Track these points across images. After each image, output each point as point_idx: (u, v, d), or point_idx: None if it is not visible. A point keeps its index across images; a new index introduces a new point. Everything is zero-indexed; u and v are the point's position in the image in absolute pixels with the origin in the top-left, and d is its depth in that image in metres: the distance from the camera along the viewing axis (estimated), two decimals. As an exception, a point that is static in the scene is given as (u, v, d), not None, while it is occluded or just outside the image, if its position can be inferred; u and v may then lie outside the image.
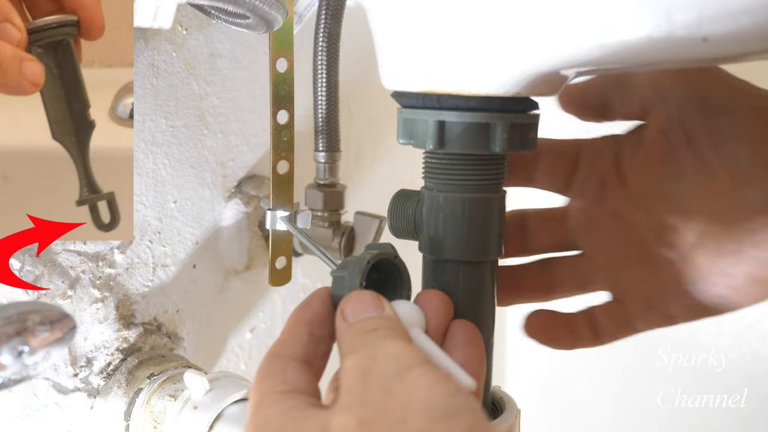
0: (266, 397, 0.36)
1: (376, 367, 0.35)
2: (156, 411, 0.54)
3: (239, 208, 0.64)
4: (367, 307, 0.39)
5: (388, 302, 0.40)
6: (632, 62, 0.43)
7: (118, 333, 0.56)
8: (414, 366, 0.34)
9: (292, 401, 0.36)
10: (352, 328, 0.38)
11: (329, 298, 0.42)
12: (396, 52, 0.44)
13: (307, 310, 0.41)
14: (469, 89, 0.43)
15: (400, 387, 0.33)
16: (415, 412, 0.31)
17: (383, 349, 0.36)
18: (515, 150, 0.45)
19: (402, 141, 0.47)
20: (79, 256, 0.53)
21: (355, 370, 0.35)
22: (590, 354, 0.98)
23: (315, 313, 0.41)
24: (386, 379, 0.34)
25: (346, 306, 0.39)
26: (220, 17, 0.51)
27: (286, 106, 0.55)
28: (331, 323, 0.41)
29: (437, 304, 0.42)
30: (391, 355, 0.35)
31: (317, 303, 0.41)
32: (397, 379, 0.33)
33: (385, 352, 0.35)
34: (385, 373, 0.34)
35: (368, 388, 0.34)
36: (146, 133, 0.56)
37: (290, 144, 0.56)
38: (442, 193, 0.46)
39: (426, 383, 0.33)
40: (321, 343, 0.40)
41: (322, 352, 0.40)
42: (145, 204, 0.57)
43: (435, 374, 0.33)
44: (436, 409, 0.31)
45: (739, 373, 0.89)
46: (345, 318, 0.39)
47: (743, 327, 0.89)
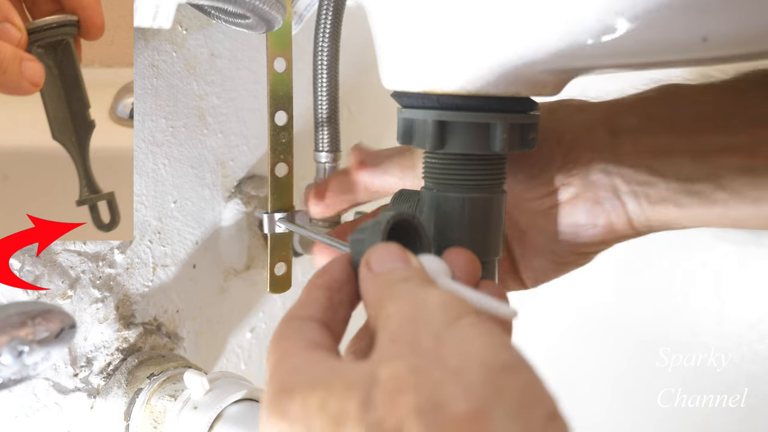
0: (289, 351, 0.34)
1: (424, 314, 0.32)
2: (156, 411, 0.54)
3: (239, 208, 0.64)
4: (393, 258, 0.37)
5: (414, 255, 0.38)
6: (633, 61, 0.43)
7: (118, 333, 0.56)
8: (464, 315, 0.32)
9: (319, 354, 0.34)
10: (379, 278, 0.36)
11: (349, 264, 0.40)
12: (396, 51, 0.44)
13: (325, 275, 0.39)
14: (469, 89, 0.43)
15: (452, 336, 0.31)
16: (471, 363, 0.29)
17: (428, 298, 0.33)
18: (515, 150, 0.45)
19: (402, 141, 0.47)
20: (79, 256, 0.53)
21: (399, 316, 0.33)
22: (590, 354, 0.99)
23: (333, 279, 0.39)
24: (436, 327, 0.31)
25: (371, 257, 0.37)
26: (220, 17, 0.51)
27: (284, 106, 0.55)
28: (351, 289, 0.39)
29: (465, 261, 0.40)
30: (438, 302, 0.33)
31: (336, 268, 0.40)
32: (447, 327, 0.31)
33: (431, 300, 0.33)
34: (434, 321, 0.32)
35: (417, 335, 0.31)
36: (146, 133, 0.56)
37: (289, 146, 0.56)
38: (442, 193, 0.46)
39: (479, 333, 0.31)
40: (340, 308, 0.38)
41: (341, 318, 0.38)
42: (145, 204, 0.57)
43: (486, 325, 0.31)
44: (493, 361, 0.29)
45: (739, 373, 0.89)
46: (371, 269, 0.37)
47: (743, 327, 0.89)
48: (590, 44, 0.40)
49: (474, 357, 0.30)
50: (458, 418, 0.27)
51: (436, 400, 0.28)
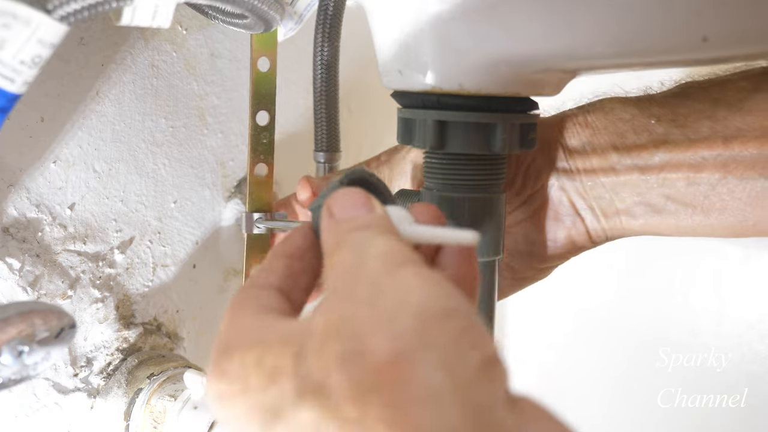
0: (239, 316, 0.33)
1: (365, 263, 0.31)
2: (156, 411, 0.54)
3: (239, 208, 0.64)
4: (356, 204, 0.35)
5: (379, 202, 0.36)
6: (633, 61, 0.43)
7: (118, 333, 0.56)
8: (407, 264, 0.31)
9: (269, 317, 0.33)
10: (340, 225, 0.34)
11: (311, 231, 0.38)
12: (396, 51, 0.44)
13: (286, 243, 0.38)
14: (469, 88, 0.43)
15: (392, 283, 0.29)
16: (406, 311, 0.28)
17: (373, 247, 0.32)
18: (515, 150, 0.45)
19: (402, 141, 0.47)
20: (79, 256, 0.53)
21: (341, 268, 0.32)
22: (590, 354, 0.98)
23: (295, 246, 0.37)
24: (376, 277, 0.30)
25: (333, 203, 0.35)
26: (217, 17, 0.51)
27: (266, 106, 0.54)
28: (313, 256, 0.37)
29: (429, 216, 0.38)
30: (381, 252, 0.31)
31: (297, 236, 0.38)
32: (388, 276, 0.30)
33: (375, 249, 0.32)
34: (374, 270, 0.30)
35: (355, 285, 0.30)
36: (146, 133, 0.56)
37: (270, 146, 0.55)
38: (442, 193, 0.46)
39: (419, 282, 0.29)
40: (301, 276, 0.36)
41: (301, 286, 0.36)
42: (145, 204, 0.57)
43: (429, 274, 0.30)
44: (429, 308, 0.28)
45: (739, 373, 0.89)
46: (332, 215, 0.35)
47: (743, 327, 0.89)
48: (590, 44, 0.40)
49: (409, 304, 0.28)
50: (380, 365, 0.26)
51: (361, 347, 0.27)
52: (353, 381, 0.26)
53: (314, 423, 0.27)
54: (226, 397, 0.30)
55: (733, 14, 0.39)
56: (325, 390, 0.27)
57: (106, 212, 0.55)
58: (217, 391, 0.30)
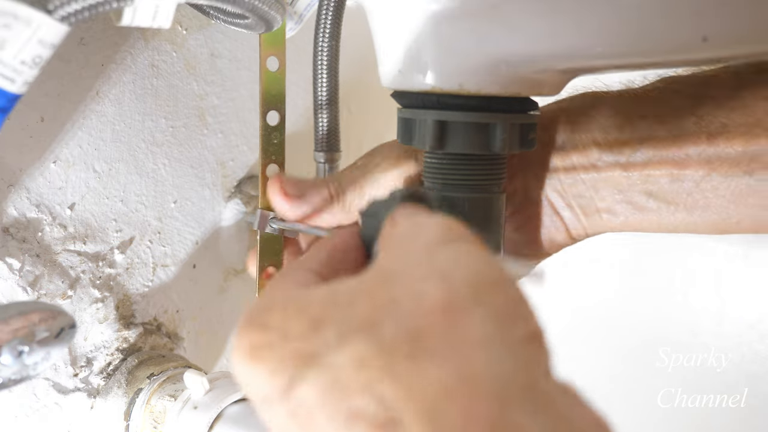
0: (278, 287, 0.33)
1: (422, 230, 0.31)
2: (156, 411, 0.54)
3: (239, 208, 0.64)
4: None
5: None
6: (633, 61, 0.43)
7: (118, 333, 0.56)
8: (465, 238, 0.30)
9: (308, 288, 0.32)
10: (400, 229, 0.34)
11: (357, 235, 0.38)
12: (396, 51, 0.44)
13: (332, 237, 0.39)
14: (468, 88, 0.43)
15: (446, 249, 0.29)
16: (462, 271, 0.28)
17: (431, 222, 0.31)
18: (515, 150, 0.45)
19: (402, 141, 0.47)
20: (79, 256, 0.53)
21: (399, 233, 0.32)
22: (590, 353, 0.98)
23: (341, 240, 0.38)
24: (432, 241, 0.30)
25: (396, 215, 0.35)
26: (218, 17, 0.51)
27: (276, 106, 0.54)
28: (355, 255, 0.37)
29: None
30: (438, 223, 0.31)
31: (346, 233, 0.39)
32: (445, 243, 0.30)
33: (433, 222, 0.31)
34: (431, 236, 0.30)
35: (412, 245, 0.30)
36: (146, 133, 0.56)
37: (281, 147, 0.55)
38: (443, 193, 0.46)
39: (477, 253, 0.29)
40: (341, 268, 0.36)
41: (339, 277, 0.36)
42: (145, 204, 0.57)
43: (486, 251, 0.30)
44: (483, 274, 0.28)
45: (739, 373, 0.89)
46: (395, 224, 0.35)
47: (743, 327, 0.89)
48: (590, 44, 0.40)
49: (465, 267, 0.28)
50: (434, 309, 0.26)
51: (416, 292, 0.27)
52: (406, 321, 0.26)
53: (358, 361, 0.26)
54: (259, 347, 0.29)
55: (733, 14, 0.39)
56: (375, 329, 0.26)
57: (106, 212, 0.55)
58: (248, 343, 0.29)
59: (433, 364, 0.25)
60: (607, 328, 0.97)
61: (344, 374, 0.26)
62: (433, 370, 0.25)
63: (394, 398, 0.25)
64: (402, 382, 0.25)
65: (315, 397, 0.26)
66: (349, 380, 0.26)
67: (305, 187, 0.50)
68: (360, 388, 0.25)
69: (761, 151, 0.46)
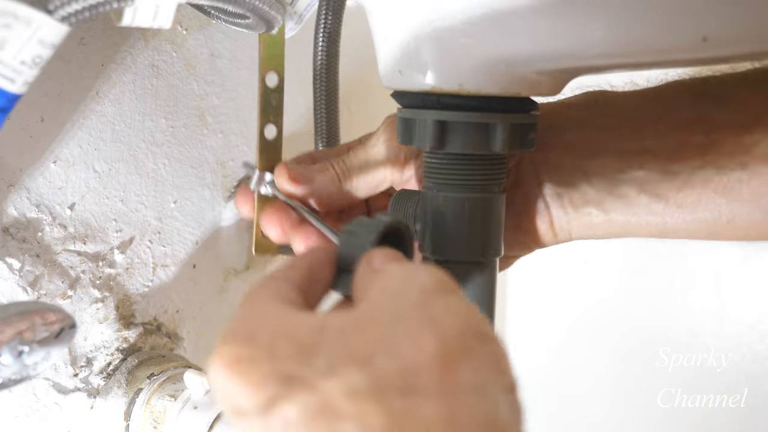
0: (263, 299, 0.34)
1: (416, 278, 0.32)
2: (156, 411, 0.54)
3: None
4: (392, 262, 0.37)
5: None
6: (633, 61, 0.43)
7: (118, 333, 0.56)
8: (454, 291, 0.32)
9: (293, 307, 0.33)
10: (377, 273, 0.35)
11: (334, 252, 0.40)
12: (396, 51, 0.44)
13: (309, 254, 0.40)
14: (469, 88, 0.43)
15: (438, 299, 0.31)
16: (452, 322, 0.29)
17: (421, 274, 0.33)
18: (515, 150, 0.45)
19: (402, 141, 0.47)
20: (79, 256, 0.53)
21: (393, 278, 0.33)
22: (590, 354, 0.98)
23: (316, 258, 0.39)
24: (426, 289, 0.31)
25: (374, 256, 0.37)
26: (219, 17, 0.51)
27: (275, 68, 0.54)
28: (329, 273, 0.39)
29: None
30: (432, 272, 0.33)
31: (321, 251, 0.40)
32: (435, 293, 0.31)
33: (423, 274, 0.33)
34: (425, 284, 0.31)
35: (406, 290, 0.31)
36: (146, 133, 0.56)
37: (279, 108, 0.55)
38: (443, 193, 0.46)
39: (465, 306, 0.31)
40: (317, 285, 0.38)
41: (316, 293, 0.38)
42: (145, 204, 0.57)
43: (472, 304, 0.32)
44: (472, 327, 0.30)
45: (739, 373, 0.89)
46: (372, 265, 0.36)
47: (743, 327, 0.89)
48: (590, 44, 0.40)
49: (454, 318, 0.30)
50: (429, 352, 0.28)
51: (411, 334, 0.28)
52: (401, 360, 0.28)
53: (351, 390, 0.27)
54: (242, 360, 0.29)
55: (733, 14, 0.39)
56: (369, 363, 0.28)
57: (106, 212, 0.55)
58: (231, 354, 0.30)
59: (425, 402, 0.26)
60: (607, 329, 0.97)
61: (334, 400, 0.27)
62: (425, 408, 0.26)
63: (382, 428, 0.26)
64: (393, 414, 0.26)
65: (298, 418, 0.27)
66: (339, 407, 0.27)
67: (312, 174, 0.51)
68: (349, 415, 0.26)
69: (754, 144, 0.46)
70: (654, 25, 0.39)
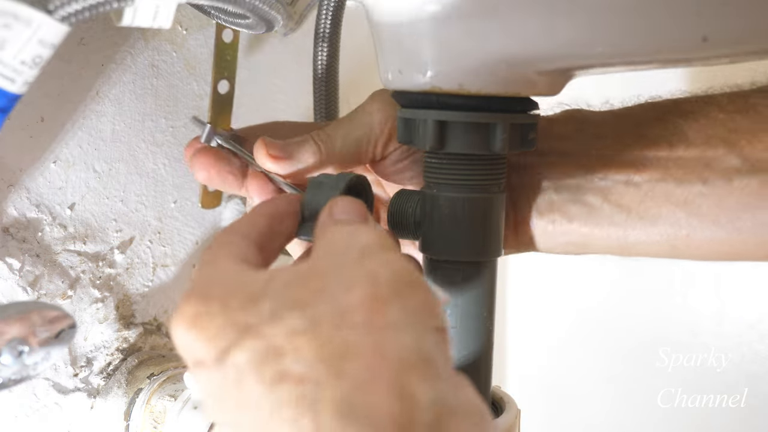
0: (221, 259, 0.36)
1: (357, 236, 0.35)
2: (156, 411, 0.54)
3: (239, 208, 0.64)
4: (355, 213, 0.39)
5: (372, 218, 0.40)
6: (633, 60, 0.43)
7: (118, 333, 0.56)
8: (393, 248, 0.35)
9: (249, 266, 0.36)
10: (337, 224, 0.38)
11: (297, 204, 0.42)
12: (395, 51, 0.44)
13: (271, 205, 0.42)
14: (469, 88, 0.43)
15: (376, 254, 0.34)
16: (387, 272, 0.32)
17: (366, 232, 0.36)
18: (515, 150, 0.45)
19: (402, 141, 0.47)
20: (79, 256, 0.53)
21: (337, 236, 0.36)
22: (590, 354, 0.99)
23: (278, 211, 0.41)
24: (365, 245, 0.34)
25: (335, 205, 0.39)
26: (219, 17, 0.51)
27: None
28: (291, 224, 0.42)
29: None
30: (373, 236, 0.35)
31: (284, 202, 0.42)
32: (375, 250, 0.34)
33: (368, 233, 0.36)
34: (365, 242, 0.35)
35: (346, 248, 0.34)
36: (146, 133, 0.56)
37: (233, 63, 0.55)
38: (443, 193, 0.46)
39: (401, 261, 0.34)
40: (276, 238, 0.40)
41: (275, 247, 0.40)
42: (145, 204, 0.57)
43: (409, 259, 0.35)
44: (406, 277, 0.33)
45: (739, 373, 0.89)
46: (332, 214, 0.39)
47: (743, 327, 0.89)
48: (590, 44, 0.40)
49: (388, 269, 0.32)
50: (360, 296, 0.31)
51: (346, 284, 0.31)
52: (335, 304, 0.31)
53: (290, 331, 0.30)
54: (200, 315, 0.32)
55: (733, 14, 0.39)
56: (307, 308, 0.31)
57: (106, 212, 0.55)
58: (191, 311, 0.32)
59: (354, 334, 0.30)
60: (608, 329, 0.97)
61: (277, 342, 0.30)
62: (351, 339, 0.30)
63: (315, 359, 0.29)
64: (323, 347, 0.29)
65: (247, 361, 0.30)
66: (279, 347, 0.30)
67: (292, 148, 0.49)
68: (288, 352, 0.30)
69: (715, 160, 0.47)
70: (654, 25, 0.39)
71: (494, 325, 0.48)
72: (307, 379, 0.29)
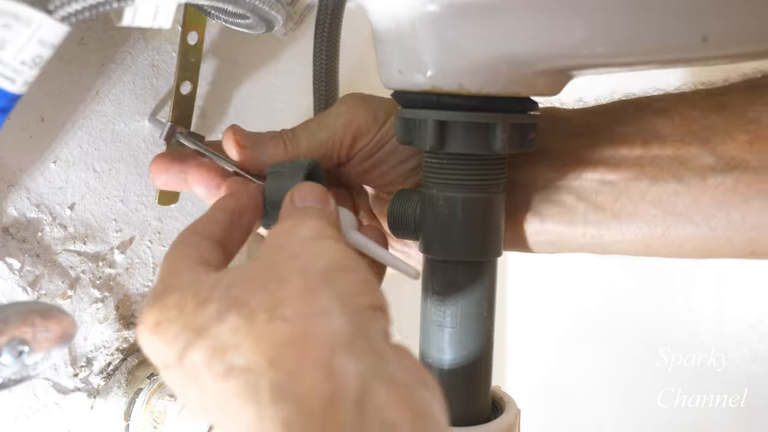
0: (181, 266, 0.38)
1: (298, 232, 0.37)
2: (156, 411, 0.54)
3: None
4: (315, 198, 0.41)
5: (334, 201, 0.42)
6: (633, 60, 0.43)
7: (118, 333, 0.56)
8: (330, 237, 0.37)
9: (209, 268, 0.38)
10: (297, 211, 0.40)
11: (260, 194, 0.44)
12: (395, 51, 0.44)
13: (231, 199, 0.43)
14: (469, 88, 0.43)
15: (313, 247, 0.36)
16: (319, 262, 0.35)
17: (309, 222, 0.38)
18: (515, 150, 0.45)
19: (402, 141, 0.47)
20: (79, 256, 0.53)
21: (278, 232, 0.38)
22: (590, 354, 0.99)
23: (240, 205, 0.43)
24: (302, 240, 0.37)
25: (296, 192, 0.41)
26: (219, 17, 0.51)
27: (197, 28, 0.54)
28: (253, 216, 0.43)
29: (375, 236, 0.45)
30: (314, 226, 0.38)
31: (245, 196, 0.44)
32: (312, 241, 0.37)
33: (310, 223, 0.38)
34: (303, 236, 0.37)
35: (285, 244, 0.37)
36: (146, 133, 0.56)
37: (197, 65, 0.55)
38: (442, 193, 0.46)
39: (334, 249, 0.36)
40: (238, 231, 0.42)
41: (237, 239, 0.42)
42: (145, 204, 0.57)
43: (344, 246, 0.37)
44: (337, 264, 0.35)
45: (739, 373, 0.89)
46: (293, 201, 0.41)
47: (743, 327, 0.89)
48: (591, 44, 0.40)
49: (322, 258, 0.35)
50: (291, 289, 0.33)
51: (279, 279, 0.34)
52: (268, 299, 0.33)
53: (233, 330, 0.33)
54: (160, 322, 0.35)
55: (733, 14, 0.39)
56: (245, 306, 0.33)
57: (106, 212, 0.55)
58: (152, 318, 0.35)
59: (284, 326, 0.32)
60: (608, 329, 0.97)
61: (222, 340, 0.33)
62: (282, 330, 0.32)
63: (253, 352, 0.32)
64: (259, 340, 0.32)
65: (201, 359, 0.33)
66: (225, 344, 0.33)
67: (260, 140, 0.50)
68: (231, 348, 0.32)
69: (690, 158, 0.47)
70: (654, 25, 0.39)
71: (494, 325, 0.48)
72: (248, 370, 0.32)
